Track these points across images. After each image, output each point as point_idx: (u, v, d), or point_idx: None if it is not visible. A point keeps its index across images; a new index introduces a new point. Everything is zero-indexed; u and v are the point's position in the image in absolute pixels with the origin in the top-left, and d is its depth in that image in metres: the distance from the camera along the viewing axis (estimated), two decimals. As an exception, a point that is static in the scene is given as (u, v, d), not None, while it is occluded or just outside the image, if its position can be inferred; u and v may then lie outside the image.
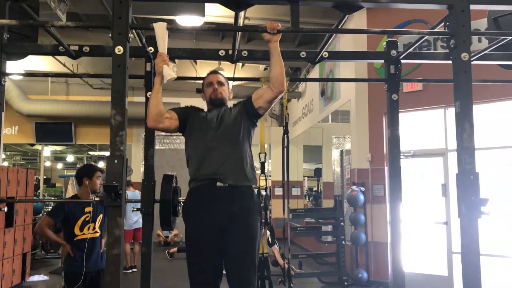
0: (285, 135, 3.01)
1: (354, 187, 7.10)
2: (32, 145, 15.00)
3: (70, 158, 21.87)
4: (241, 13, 3.05)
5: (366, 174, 7.23)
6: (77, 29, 7.97)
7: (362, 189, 7.07)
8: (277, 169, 13.16)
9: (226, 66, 10.42)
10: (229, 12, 2.50)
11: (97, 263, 3.82)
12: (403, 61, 3.19)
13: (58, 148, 19.09)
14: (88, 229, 3.79)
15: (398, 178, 3.08)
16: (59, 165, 23.38)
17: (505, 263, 5.91)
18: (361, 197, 7.00)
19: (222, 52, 3.08)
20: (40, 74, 8.40)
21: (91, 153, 18.33)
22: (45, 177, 15.75)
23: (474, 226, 2.20)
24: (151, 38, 2.79)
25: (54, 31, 2.85)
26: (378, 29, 2.86)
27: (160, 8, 6.43)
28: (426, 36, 4.95)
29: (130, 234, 8.10)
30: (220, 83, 2.90)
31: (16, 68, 8.36)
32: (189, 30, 9.05)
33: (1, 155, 9.32)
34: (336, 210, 7.29)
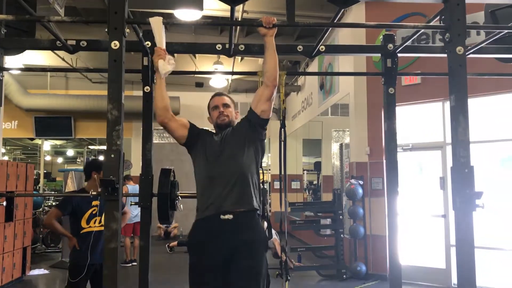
0: (282, 129, 2.99)
1: (353, 181, 7.11)
2: (32, 139, 15.03)
3: (70, 153, 21.91)
4: (239, 7, 3.05)
5: (365, 168, 7.25)
6: (75, 24, 7.95)
7: (361, 183, 7.10)
8: (277, 163, 12.99)
9: (225, 60, 10.40)
10: (227, 6, 2.50)
11: (102, 256, 3.85)
12: (401, 55, 3.18)
13: (58, 142, 19.11)
14: (95, 222, 3.86)
15: (395, 172, 3.06)
16: (60, 159, 23.39)
17: (501, 256, 5.95)
18: (360, 191, 7.03)
19: (219, 46, 3.06)
20: (39, 69, 8.40)
21: (91, 147, 18.35)
22: (45, 172, 15.76)
23: (469, 219, 2.21)
24: (148, 33, 2.78)
25: (52, 26, 2.85)
26: (373, 23, 2.87)
27: (158, 2, 6.42)
28: (422, 30, 4.94)
29: (130, 228, 8.15)
30: (226, 105, 2.87)
31: (15, 63, 8.36)
32: (186, 24, 9.03)
33: (1, 150, 9.33)
34: (335, 204, 7.33)
